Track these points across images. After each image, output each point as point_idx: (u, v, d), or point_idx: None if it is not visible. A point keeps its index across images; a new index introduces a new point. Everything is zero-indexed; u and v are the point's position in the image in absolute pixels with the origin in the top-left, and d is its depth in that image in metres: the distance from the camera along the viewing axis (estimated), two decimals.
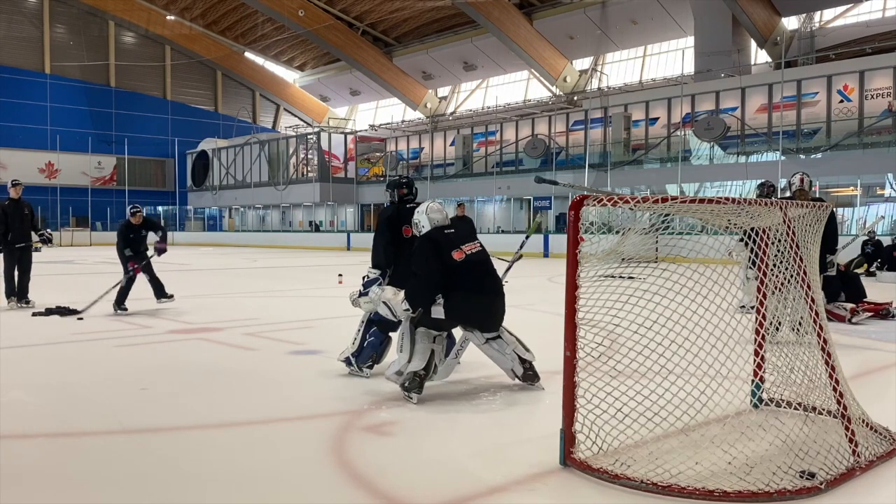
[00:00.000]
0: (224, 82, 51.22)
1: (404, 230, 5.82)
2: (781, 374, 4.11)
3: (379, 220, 6.01)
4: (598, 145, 30.96)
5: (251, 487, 3.40)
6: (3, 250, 10.28)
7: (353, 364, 5.72)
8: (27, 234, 10.40)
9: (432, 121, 43.84)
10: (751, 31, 29.97)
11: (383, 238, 5.79)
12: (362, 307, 5.73)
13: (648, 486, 3.28)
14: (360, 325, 5.82)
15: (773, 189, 9.70)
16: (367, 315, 5.75)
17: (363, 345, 5.71)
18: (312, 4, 41.24)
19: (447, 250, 5.13)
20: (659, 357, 3.74)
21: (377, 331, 5.71)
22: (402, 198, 6.00)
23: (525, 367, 5.21)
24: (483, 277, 5.24)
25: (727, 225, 4.08)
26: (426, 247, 5.17)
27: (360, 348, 5.72)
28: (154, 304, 9.86)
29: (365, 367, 5.69)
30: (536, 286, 13.84)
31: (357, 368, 5.70)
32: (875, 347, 7.27)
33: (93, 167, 44.37)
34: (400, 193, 6.00)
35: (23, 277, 10.30)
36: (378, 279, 5.70)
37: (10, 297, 10.21)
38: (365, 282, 5.76)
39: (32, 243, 10.57)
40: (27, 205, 10.53)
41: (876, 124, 24.07)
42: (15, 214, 10.21)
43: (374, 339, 5.71)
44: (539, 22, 37.98)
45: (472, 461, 3.75)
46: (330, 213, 40.36)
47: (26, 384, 5.57)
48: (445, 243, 5.18)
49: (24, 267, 10.36)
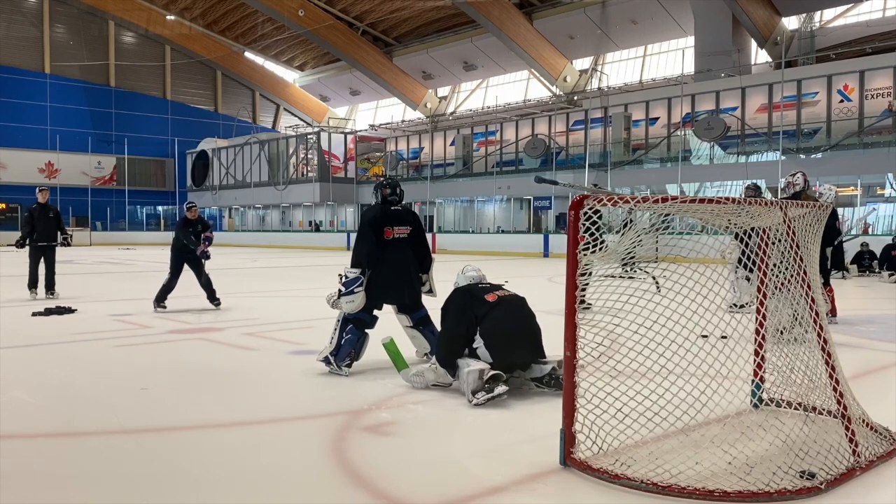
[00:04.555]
0: (224, 82, 51.23)
1: (386, 231, 5.91)
2: (781, 374, 4.10)
3: (362, 220, 6.09)
4: (598, 145, 30.96)
5: (251, 487, 3.40)
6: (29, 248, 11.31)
7: (331, 363, 5.74)
8: (52, 234, 11.40)
9: (432, 121, 43.84)
10: (751, 30, 29.97)
11: (366, 239, 5.87)
12: (343, 308, 5.78)
13: (648, 486, 3.28)
14: (336, 324, 5.87)
15: (758, 190, 9.86)
16: (343, 314, 5.81)
17: (340, 343, 5.75)
18: (312, 4, 41.25)
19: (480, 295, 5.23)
20: (659, 357, 3.73)
21: (353, 328, 5.78)
22: (385, 199, 6.06)
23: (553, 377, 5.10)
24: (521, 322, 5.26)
25: (727, 225, 4.08)
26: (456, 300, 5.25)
27: (338, 347, 5.75)
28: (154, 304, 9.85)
29: (343, 366, 5.73)
30: (536, 286, 13.83)
31: (336, 367, 5.73)
32: (875, 347, 7.27)
33: (93, 167, 44.38)
34: (383, 194, 6.06)
35: (48, 273, 11.35)
36: (358, 279, 5.75)
37: (31, 289, 11.22)
38: (344, 281, 5.80)
39: (56, 243, 11.48)
40: (53, 208, 11.62)
41: (876, 124, 24.07)
42: (41, 217, 11.30)
43: (351, 336, 5.76)
44: (539, 22, 37.99)
45: (472, 461, 3.75)
46: (330, 213, 40.37)
47: (26, 384, 5.57)
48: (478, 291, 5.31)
49: (49, 263, 11.37)
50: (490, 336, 5.03)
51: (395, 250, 5.92)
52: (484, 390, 4.77)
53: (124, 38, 46.76)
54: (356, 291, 5.73)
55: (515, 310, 5.23)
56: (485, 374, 4.81)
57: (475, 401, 4.74)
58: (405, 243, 6.01)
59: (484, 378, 4.80)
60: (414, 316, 6.09)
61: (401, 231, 5.98)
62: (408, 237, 6.03)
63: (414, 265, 6.09)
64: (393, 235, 5.93)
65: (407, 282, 6.02)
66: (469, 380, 4.82)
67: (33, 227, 11.22)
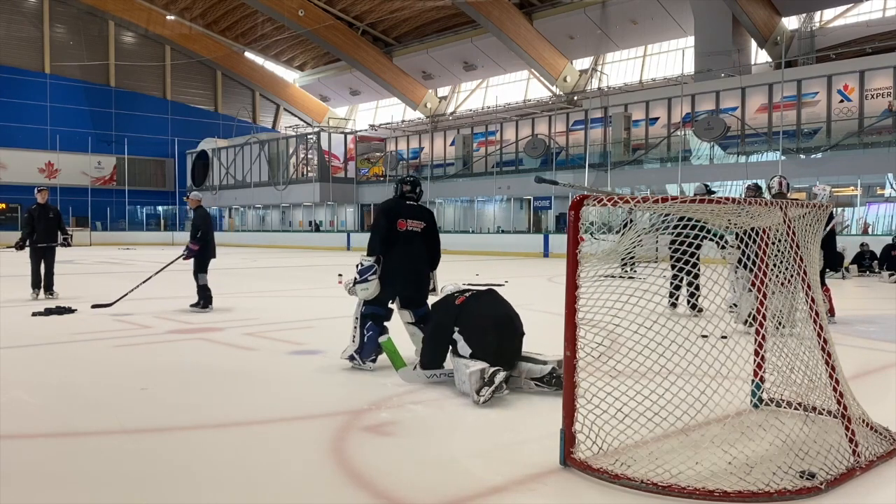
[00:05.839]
0: (224, 82, 51.23)
1: (399, 223, 6.00)
2: (781, 374, 4.10)
3: (378, 210, 6.23)
4: (598, 145, 30.96)
5: (251, 487, 3.40)
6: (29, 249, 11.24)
7: (356, 359, 5.88)
8: (52, 235, 11.32)
9: (432, 121, 43.85)
10: (751, 30, 29.98)
11: (380, 227, 6.01)
12: (358, 295, 5.92)
13: (648, 486, 3.28)
14: (354, 322, 5.96)
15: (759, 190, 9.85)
16: (359, 311, 5.94)
17: (364, 340, 5.88)
18: (312, 4, 41.25)
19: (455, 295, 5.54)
20: (659, 357, 3.74)
21: (373, 325, 5.89)
22: (403, 193, 6.18)
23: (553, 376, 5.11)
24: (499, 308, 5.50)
25: (727, 225, 4.08)
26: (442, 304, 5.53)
27: (362, 344, 5.88)
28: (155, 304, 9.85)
29: (369, 361, 5.89)
30: (536, 286, 13.84)
31: (361, 362, 5.87)
32: (875, 347, 7.27)
33: (93, 167, 44.39)
34: (403, 189, 6.20)
35: (47, 273, 11.27)
36: (373, 266, 5.87)
37: (34, 289, 11.16)
38: (359, 269, 5.92)
39: (56, 243, 11.39)
40: (53, 208, 11.51)
41: (876, 124, 24.07)
42: (41, 217, 11.21)
43: (372, 332, 5.86)
44: (539, 22, 37.99)
45: (472, 461, 3.75)
46: (330, 213, 40.37)
47: (26, 384, 5.57)
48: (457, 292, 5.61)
49: (48, 264, 11.29)
50: (466, 329, 5.21)
51: (406, 243, 5.98)
52: (486, 385, 4.80)
53: (124, 38, 46.76)
54: (370, 279, 5.84)
55: (484, 299, 5.47)
56: (486, 373, 4.84)
57: (482, 398, 4.75)
58: (418, 238, 6.06)
59: (486, 377, 4.83)
60: (417, 312, 6.12)
61: (414, 225, 6.04)
62: (421, 232, 6.08)
63: (424, 260, 6.13)
64: (406, 228, 5.99)
65: (415, 275, 6.07)
66: (472, 380, 4.84)
67: (33, 228, 11.17)
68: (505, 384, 4.89)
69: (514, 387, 5.13)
